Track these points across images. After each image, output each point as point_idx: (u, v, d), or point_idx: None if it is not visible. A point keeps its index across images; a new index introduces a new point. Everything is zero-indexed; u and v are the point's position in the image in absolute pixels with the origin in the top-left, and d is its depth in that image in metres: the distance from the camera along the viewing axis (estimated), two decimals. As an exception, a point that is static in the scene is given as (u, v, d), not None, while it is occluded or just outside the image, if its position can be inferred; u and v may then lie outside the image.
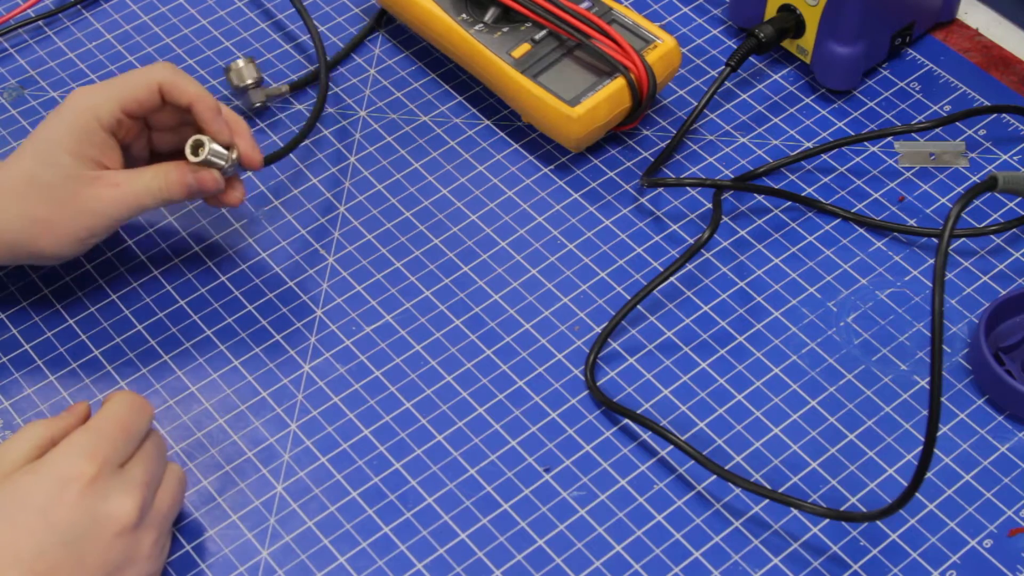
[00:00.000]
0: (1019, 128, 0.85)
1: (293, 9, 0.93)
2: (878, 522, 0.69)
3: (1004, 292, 0.77)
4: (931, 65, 0.88)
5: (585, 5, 0.84)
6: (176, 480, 0.67)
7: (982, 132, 0.85)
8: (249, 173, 0.84)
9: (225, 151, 0.73)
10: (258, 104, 0.86)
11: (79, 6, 0.94)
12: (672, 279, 0.78)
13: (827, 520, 0.69)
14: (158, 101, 0.73)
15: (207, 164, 0.73)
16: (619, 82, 0.81)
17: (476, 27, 0.84)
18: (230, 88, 0.86)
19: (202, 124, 0.73)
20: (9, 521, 0.61)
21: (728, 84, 0.88)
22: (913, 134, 0.85)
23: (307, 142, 0.85)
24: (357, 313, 0.78)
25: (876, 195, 0.82)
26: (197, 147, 0.73)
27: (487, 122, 0.87)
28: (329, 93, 0.88)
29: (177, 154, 0.75)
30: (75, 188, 0.71)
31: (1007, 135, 0.85)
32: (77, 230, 0.72)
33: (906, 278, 0.78)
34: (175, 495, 0.67)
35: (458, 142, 0.86)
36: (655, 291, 0.77)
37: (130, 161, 0.76)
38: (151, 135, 0.77)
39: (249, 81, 0.85)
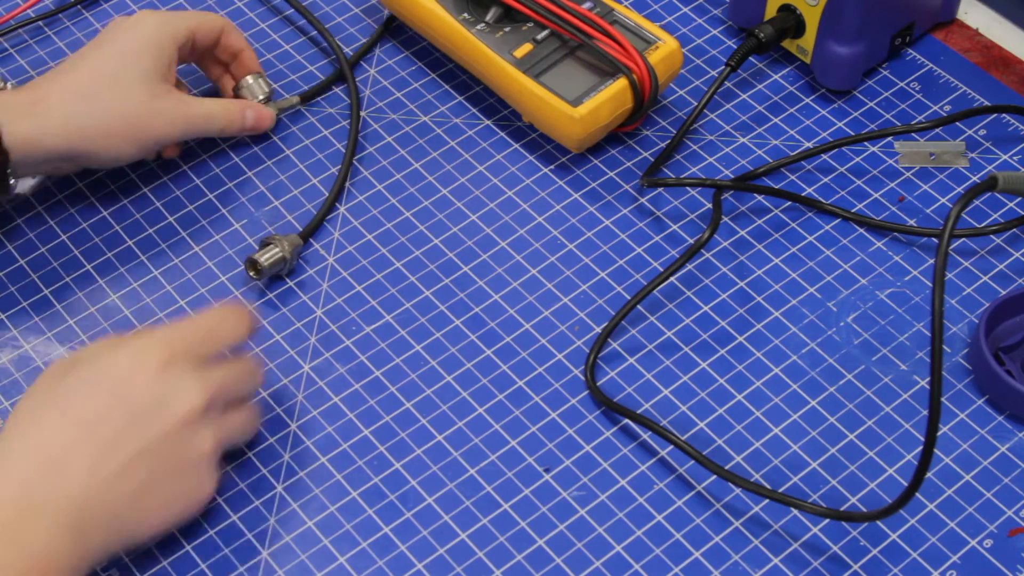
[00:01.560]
0: (1019, 128, 0.85)
1: (292, 9, 0.92)
2: (878, 522, 0.69)
3: (1004, 292, 0.77)
4: (931, 65, 0.88)
5: (587, 5, 0.84)
6: (253, 414, 0.70)
7: (982, 132, 0.85)
8: (251, 174, 0.84)
9: (269, 83, 0.85)
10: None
11: (79, 6, 0.94)
12: (672, 279, 0.78)
13: (827, 520, 0.69)
14: (215, 42, 0.83)
15: (248, 87, 0.84)
16: (621, 83, 0.81)
17: (478, 27, 0.84)
18: None
19: (246, 68, 0.84)
20: (84, 387, 0.65)
21: (728, 84, 0.88)
22: (913, 134, 0.85)
23: (307, 142, 0.85)
24: (357, 313, 0.78)
25: (876, 195, 0.82)
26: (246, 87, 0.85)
27: (487, 122, 0.87)
28: (329, 93, 0.88)
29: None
30: (151, 93, 0.78)
31: (1007, 135, 0.85)
32: (147, 131, 0.78)
33: (906, 278, 0.78)
34: (247, 425, 0.69)
35: (458, 142, 0.86)
36: (655, 291, 0.77)
37: None
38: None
39: (261, 97, 0.85)
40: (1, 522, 0.60)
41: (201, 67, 0.86)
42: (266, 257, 0.77)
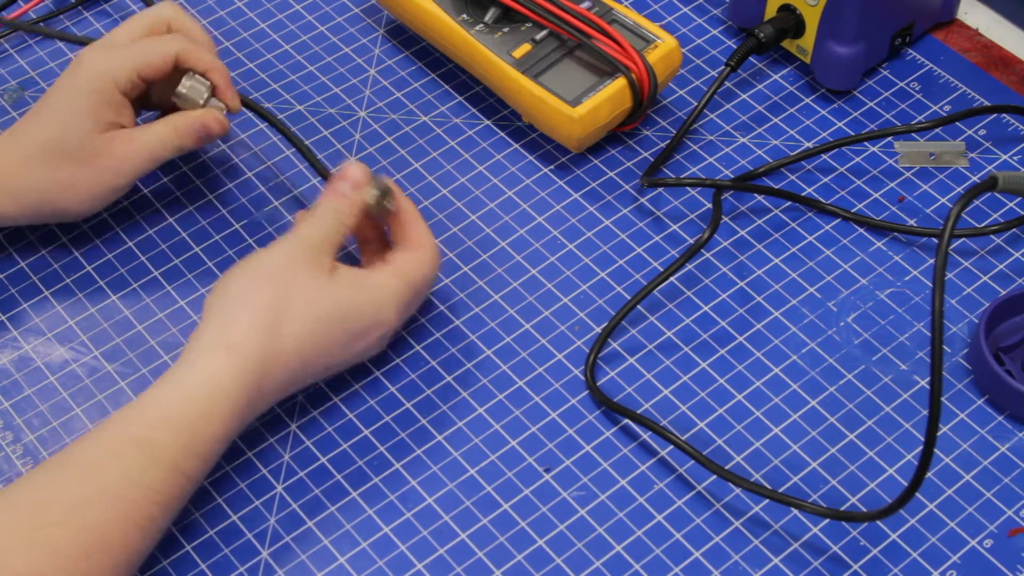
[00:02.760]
0: (1019, 128, 0.85)
1: (294, 9, 0.93)
2: (878, 522, 0.69)
3: (1004, 292, 0.77)
4: (931, 65, 0.88)
5: (586, 5, 0.84)
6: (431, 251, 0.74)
7: (982, 132, 0.85)
8: (251, 174, 0.84)
9: (206, 82, 0.78)
10: None
11: (79, 6, 0.94)
12: (672, 279, 0.78)
13: (827, 520, 0.69)
14: (172, 67, 0.77)
15: (185, 97, 0.77)
16: (620, 82, 0.81)
17: (476, 27, 0.84)
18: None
19: (217, 91, 0.78)
20: (254, 284, 0.68)
21: (728, 84, 0.88)
22: (913, 134, 0.85)
23: (307, 142, 0.85)
24: (357, 313, 0.78)
25: (876, 195, 0.82)
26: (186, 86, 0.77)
27: (487, 122, 0.87)
28: (329, 93, 0.88)
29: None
30: (95, 149, 0.75)
31: (1007, 135, 0.85)
32: (99, 188, 0.76)
33: (906, 278, 0.78)
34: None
35: (458, 142, 0.86)
36: (655, 291, 0.77)
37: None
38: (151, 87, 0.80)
39: (201, 101, 0.78)
40: (233, 431, 0.66)
41: (159, 100, 0.80)
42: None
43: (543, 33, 0.83)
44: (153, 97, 0.80)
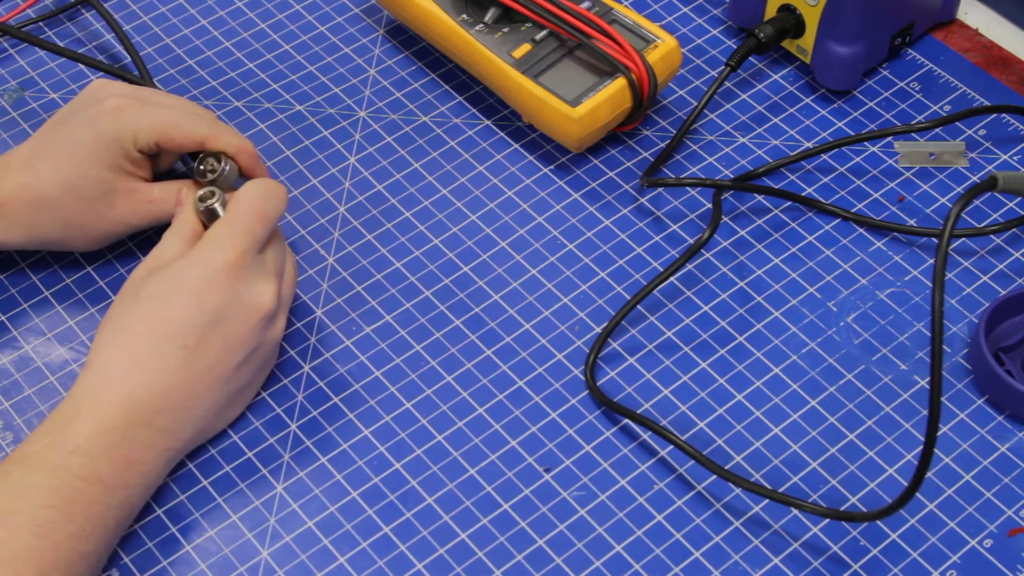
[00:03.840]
0: (1019, 128, 0.85)
1: (294, 9, 0.93)
2: (878, 522, 0.69)
3: (1004, 292, 0.77)
4: (931, 65, 0.88)
5: (585, 5, 0.84)
6: (293, 266, 0.74)
7: (982, 132, 0.85)
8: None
9: (235, 167, 0.75)
10: None
11: (79, 6, 0.94)
12: (672, 279, 0.78)
13: (827, 520, 0.69)
14: (195, 148, 0.75)
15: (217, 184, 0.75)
16: (620, 82, 0.81)
17: (476, 27, 0.84)
18: None
19: (245, 171, 0.76)
20: (165, 301, 0.67)
21: (728, 84, 0.88)
22: (913, 134, 0.85)
23: (307, 143, 0.85)
24: (357, 313, 0.78)
25: (876, 195, 0.82)
26: (207, 171, 0.75)
27: (487, 122, 0.87)
28: (329, 93, 0.88)
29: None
30: (112, 200, 0.75)
31: (1007, 135, 0.85)
32: (109, 234, 0.77)
33: (906, 278, 0.78)
34: (294, 281, 0.74)
35: (458, 142, 0.86)
36: (655, 291, 0.77)
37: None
38: None
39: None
40: (109, 427, 0.65)
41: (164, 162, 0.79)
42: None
43: (543, 33, 0.83)
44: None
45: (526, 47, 0.83)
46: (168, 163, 0.80)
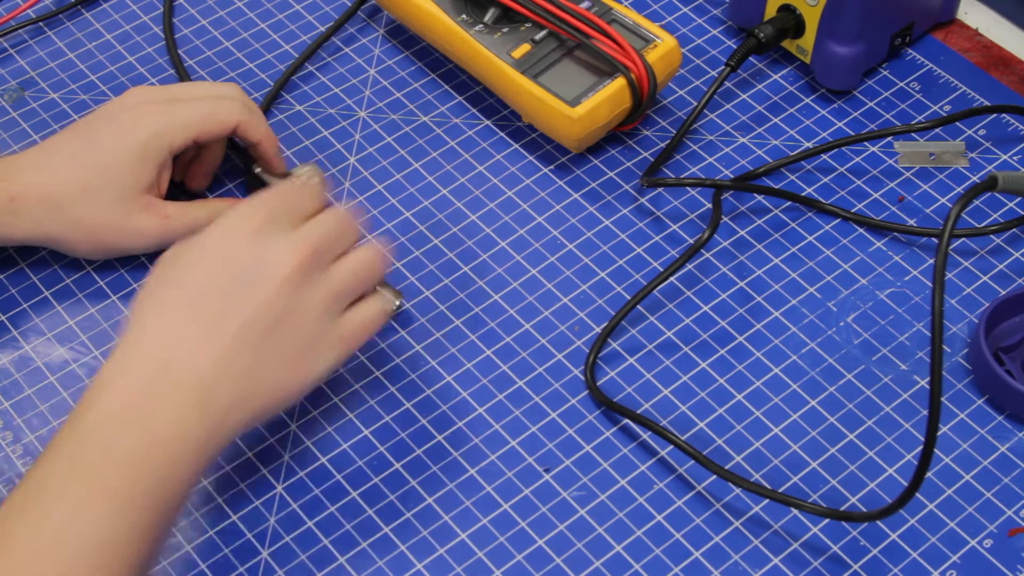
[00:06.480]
0: (1019, 128, 0.85)
1: (294, 9, 0.93)
2: (878, 522, 0.69)
3: (1004, 292, 0.77)
4: (931, 65, 0.88)
5: (585, 5, 0.84)
6: (369, 254, 0.68)
7: (982, 132, 0.85)
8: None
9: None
10: None
11: (79, 6, 0.94)
12: (672, 279, 0.78)
13: (827, 520, 0.69)
14: (228, 134, 0.77)
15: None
16: (619, 82, 0.81)
17: (476, 28, 0.84)
18: None
19: (264, 160, 0.78)
20: (190, 260, 0.65)
21: (728, 84, 0.88)
22: (913, 134, 0.85)
23: (307, 143, 0.85)
24: (357, 313, 0.78)
25: (876, 195, 0.82)
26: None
27: (487, 122, 0.87)
28: (329, 93, 0.88)
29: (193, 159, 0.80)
30: (128, 209, 0.75)
31: (1007, 135, 0.85)
32: (117, 246, 0.76)
33: (906, 278, 0.78)
34: (366, 267, 0.68)
35: (458, 142, 0.86)
36: (655, 291, 0.77)
37: None
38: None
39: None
40: (126, 404, 0.61)
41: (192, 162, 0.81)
42: None
43: (542, 33, 0.83)
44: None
45: (525, 47, 0.83)
46: (217, 154, 0.80)
